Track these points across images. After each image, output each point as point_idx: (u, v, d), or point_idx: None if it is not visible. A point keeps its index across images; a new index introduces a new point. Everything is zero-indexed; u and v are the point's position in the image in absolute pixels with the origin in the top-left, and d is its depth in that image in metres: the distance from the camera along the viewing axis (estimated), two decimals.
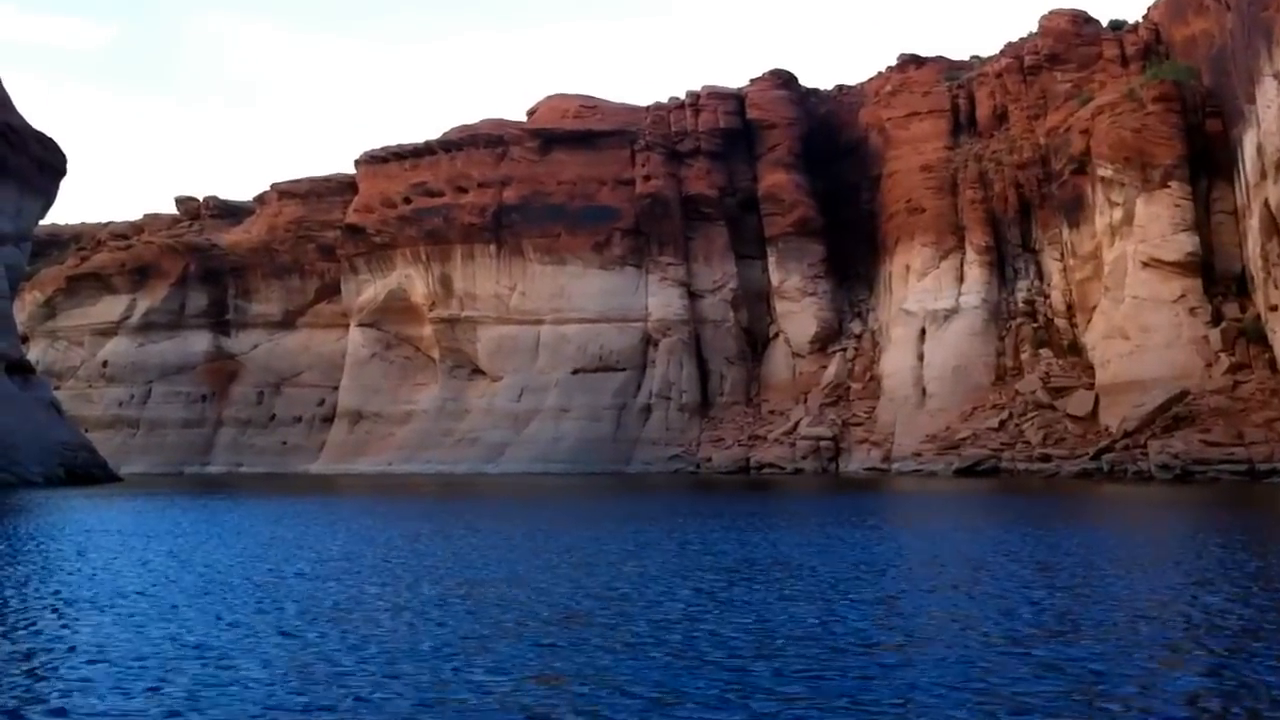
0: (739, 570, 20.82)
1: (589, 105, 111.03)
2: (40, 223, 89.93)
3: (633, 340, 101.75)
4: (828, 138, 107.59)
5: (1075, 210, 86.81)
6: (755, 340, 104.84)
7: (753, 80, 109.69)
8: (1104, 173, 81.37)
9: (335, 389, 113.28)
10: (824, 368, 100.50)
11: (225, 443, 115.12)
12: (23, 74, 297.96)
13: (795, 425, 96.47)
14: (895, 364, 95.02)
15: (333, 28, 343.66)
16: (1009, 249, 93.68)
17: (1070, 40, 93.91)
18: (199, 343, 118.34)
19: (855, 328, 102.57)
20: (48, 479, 65.80)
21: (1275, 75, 64.30)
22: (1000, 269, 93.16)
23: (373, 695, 11.02)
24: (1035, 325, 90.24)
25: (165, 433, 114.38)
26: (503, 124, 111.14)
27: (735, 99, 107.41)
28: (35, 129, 79.43)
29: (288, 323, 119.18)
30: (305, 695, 11.03)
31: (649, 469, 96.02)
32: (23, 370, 76.41)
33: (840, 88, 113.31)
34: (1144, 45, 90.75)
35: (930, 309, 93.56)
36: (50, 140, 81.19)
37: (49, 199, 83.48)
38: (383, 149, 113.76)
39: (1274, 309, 70.02)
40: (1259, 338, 73.14)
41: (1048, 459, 79.42)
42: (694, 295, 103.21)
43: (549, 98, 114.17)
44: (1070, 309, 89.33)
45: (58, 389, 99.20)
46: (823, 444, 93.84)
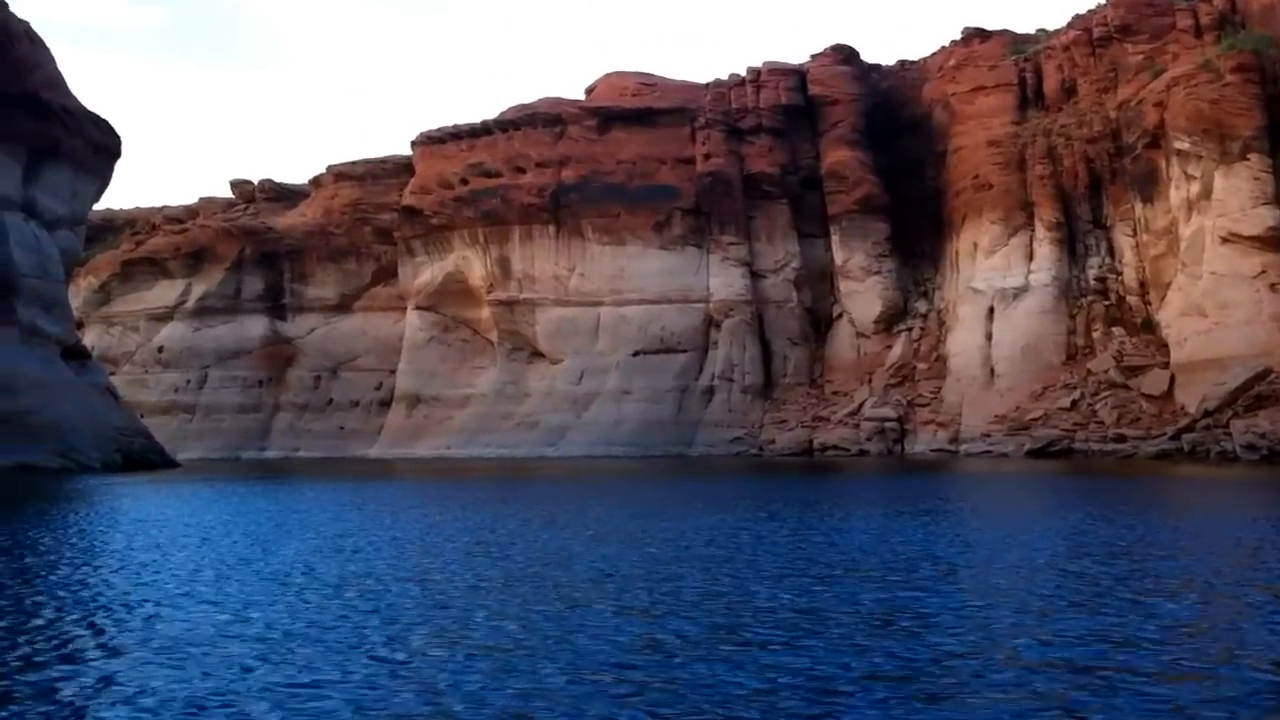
0: (899, 567, 19.31)
1: (648, 83, 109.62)
2: (94, 207, 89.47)
3: (694, 321, 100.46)
4: (891, 114, 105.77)
5: (1149, 185, 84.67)
6: (818, 320, 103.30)
7: (814, 56, 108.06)
8: (1180, 146, 79.12)
9: (392, 373, 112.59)
10: (889, 348, 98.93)
11: (282, 427, 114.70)
12: (77, 57, 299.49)
13: (860, 406, 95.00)
14: (962, 343, 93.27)
15: (389, 6, 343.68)
16: (1079, 225, 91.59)
17: (1141, 11, 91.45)
18: (255, 327, 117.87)
19: (920, 307, 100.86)
20: (105, 465, 65.08)
21: None
22: (1070, 246, 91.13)
23: None
24: (1107, 303, 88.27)
25: (221, 418, 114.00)
26: (560, 102, 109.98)
27: (797, 75, 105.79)
28: (90, 110, 78.66)
29: (344, 306, 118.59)
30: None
31: (711, 451, 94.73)
32: (79, 355, 75.77)
33: (903, 63, 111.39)
34: (1218, 15, 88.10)
35: (999, 287, 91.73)
36: (105, 122, 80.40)
37: (104, 181, 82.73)
38: (439, 129, 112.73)
39: None
40: None
41: (1122, 439, 77.61)
42: (756, 275, 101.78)
43: (607, 75, 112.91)
44: (1143, 286, 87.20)
45: (113, 374, 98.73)
46: (888, 425, 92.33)
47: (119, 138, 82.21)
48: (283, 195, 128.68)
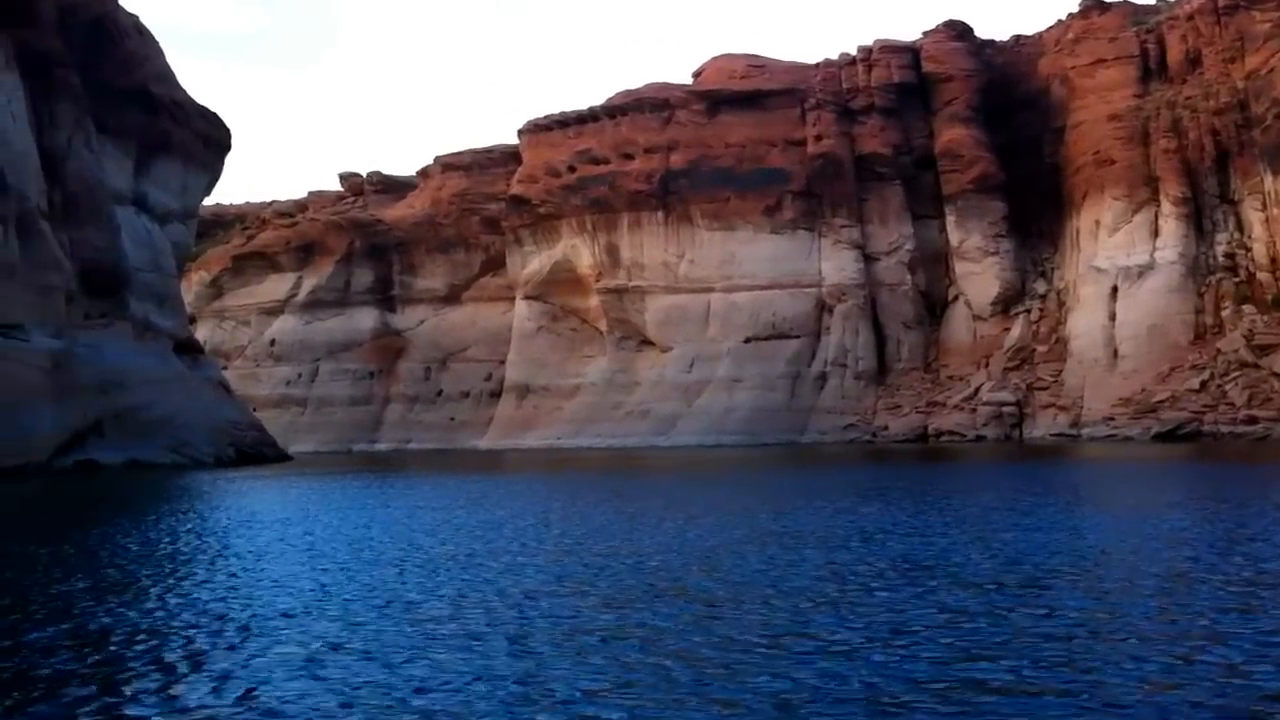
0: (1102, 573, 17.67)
1: (756, 64, 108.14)
2: (205, 202, 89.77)
3: (806, 306, 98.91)
4: (1006, 90, 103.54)
5: (1279, 157, 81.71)
6: (933, 303, 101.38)
7: (926, 33, 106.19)
8: None
9: (502, 363, 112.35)
10: (1006, 330, 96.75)
11: (393, 419, 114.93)
12: (183, 59, 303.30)
13: (976, 391, 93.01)
14: (1084, 324, 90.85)
15: None
16: (1206, 200, 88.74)
17: None
18: (365, 320, 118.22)
19: (1039, 288, 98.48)
20: (218, 459, 64.96)
21: None
22: (1197, 221, 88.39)
23: None
24: (1237, 280, 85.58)
25: (333, 410, 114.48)
26: (667, 87, 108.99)
27: (909, 52, 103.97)
28: (199, 104, 78.75)
29: (453, 297, 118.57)
30: None
31: (823, 438, 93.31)
32: (192, 350, 75.98)
33: (1017, 38, 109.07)
34: None
35: (1123, 265, 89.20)
36: (215, 115, 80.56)
37: (214, 175, 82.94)
38: (546, 117, 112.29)
39: None
40: None
41: (1254, 421, 75.23)
42: (869, 258, 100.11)
43: (715, 58, 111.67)
44: (1274, 262, 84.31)
45: (225, 368, 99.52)
46: (1005, 410, 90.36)
47: (228, 131, 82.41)
48: (391, 187, 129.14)
